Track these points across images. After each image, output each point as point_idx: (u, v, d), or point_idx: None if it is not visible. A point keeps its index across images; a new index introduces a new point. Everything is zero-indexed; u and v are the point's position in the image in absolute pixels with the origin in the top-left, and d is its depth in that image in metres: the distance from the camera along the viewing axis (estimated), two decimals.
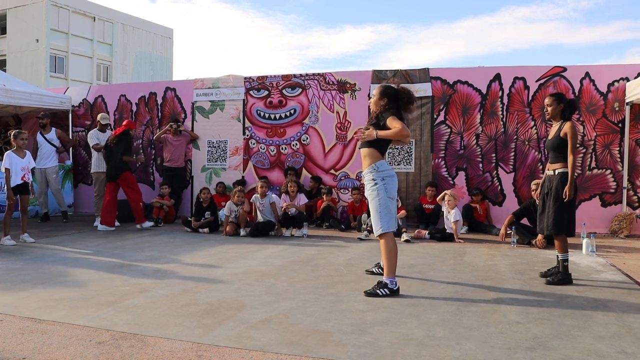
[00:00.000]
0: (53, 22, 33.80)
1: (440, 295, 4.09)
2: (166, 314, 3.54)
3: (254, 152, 9.69)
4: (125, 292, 4.15)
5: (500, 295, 4.12)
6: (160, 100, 10.30)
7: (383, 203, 4.05)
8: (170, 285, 4.39)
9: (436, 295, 4.09)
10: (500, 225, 7.20)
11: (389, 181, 4.09)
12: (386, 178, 4.08)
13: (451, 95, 8.66)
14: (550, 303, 3.88)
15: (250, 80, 9.76)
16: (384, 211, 4.04)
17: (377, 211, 4.06)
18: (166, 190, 9.12)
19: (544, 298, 4.03)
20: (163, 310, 3.65)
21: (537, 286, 4.43)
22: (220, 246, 6.65)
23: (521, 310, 3.67)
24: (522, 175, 8.34)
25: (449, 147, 8.70)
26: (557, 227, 4.49)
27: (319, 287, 4.34)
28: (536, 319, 3.48)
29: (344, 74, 9.27)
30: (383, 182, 4.06)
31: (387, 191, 4.07)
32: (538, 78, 8.28)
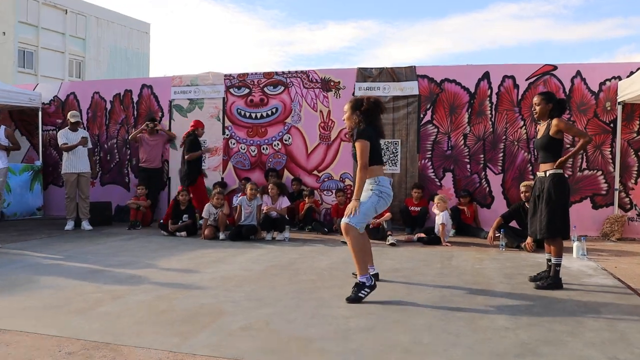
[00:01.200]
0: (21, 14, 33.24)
1: (427, 301, 4.09)
2: (141, 322, 3.49)
3: (234, 152, 9.65)
4: (98, 299, 4.08)
5: (488, 300, 4.14)
6: (136, 98, 10.21)
7: (368, 207, 4.14)
8: (146, 291, 4.34)
9: (422, 301, 4.09)
10: (489, 228, 7.25)
11: (384, 198, 4.21)
12: (383, 194, 4.20)
13: (438, 94, 8.72)
14: (539, 308, 3.91)
15: (230, 77, 9.72)
16: (362, 212, 4.11)
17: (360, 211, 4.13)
18: (142, 191, 9.03)
19: (534, 303, 4.06)
20: (138, 317, 3.60)
21: (527, 291, 4.47)
22: (198, 250, 6.60)
23: (510, 316, 3.69)
24: (511, 176, 8.42)
25: (435, 148, 8.74)
26: (551, 231, 4.52)
27: (301, 293, 4.33)
28: (525, 324, 3.50)
29: (328, 72, 9.28)
30: (379, 196, 4.18)
31: (377, 204, 4.18)
32: (528, 77, 8.38)
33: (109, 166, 10.33)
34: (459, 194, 8.47)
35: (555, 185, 4.50)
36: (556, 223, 4.50)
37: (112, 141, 10.30)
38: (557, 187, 4.50)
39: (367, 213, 4.16)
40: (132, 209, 8.79)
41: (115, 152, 10.30)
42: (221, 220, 7.74)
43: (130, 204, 8.87)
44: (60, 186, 10.25)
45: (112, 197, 9.96)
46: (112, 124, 10.31)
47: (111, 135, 10.30)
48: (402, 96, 8.86)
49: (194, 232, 8.12)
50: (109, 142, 10.33)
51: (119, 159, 10.28)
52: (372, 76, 9.01)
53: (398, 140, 8.89)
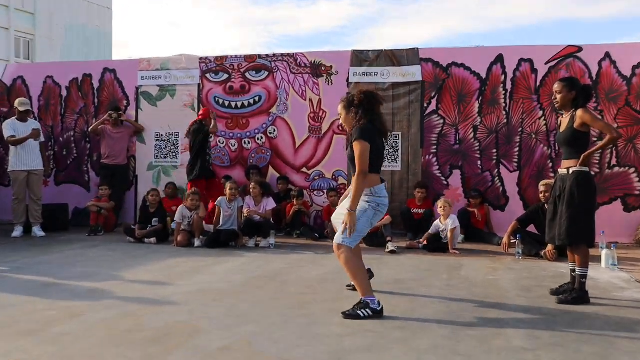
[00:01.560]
0: None
1: (432, 317, 4.08)
2: (102, 343, 3.45)
3: (212, 146, 9.57)
4: (51, 317, 4.03)
5: (503, 316, 4.13)
6: (96, 84, 10.13)
7: (363, 224, 4.15)
8: (108, 307, 4.29)
9: (427, 317, 4.08)
10: (503, 233, 7.26)
11: (381, 211, 4.24)
12: (380, 206, 4.20)
13: (445, 80, 8.73)
14: (563, 326, 3.90)
15: (206, 61, 9.67)
16: (358, 229, 4.11)
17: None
18: (105, 192, 8.97)
19: (556, 320, 4.05)
20: (99, 338, 3.55)
21: (548, 305, 4.46)
22: (170, 259, 6.56)
23: (528, 335, 3.68)
24: (529, 174, 8.45)
25: (441, 142, 8.75)
26: (573, 237, 4.52)
27: (288, 308, 4.31)
28: (546, 344, 3.50)
29: (319, 55, 9.27)
30: (375, 210, 4.18)
31: (373, 218, 4.21)
32: (548, 60, 8.41)
33: (65, 163, 10.24)
34: (468, 194, 8.49)
35: (578, 185, 4.50)
36: (579, 228, 4.49)
37: (68, 134, 10.22)
38: (581, 187, 4.49)
39: (362, 230, 4.17)
40: (93, 212, 8.72)
41: (72, 147, 10.21)
42: (196, 225, 7.70)
43: (90, 206, 8.80)
44: (6, 186, 10.12)
45: (68, 198, 9.87)
46: (68, 114, 10.22)
47: (68, 126, 10.21)
48: (403, 83, 8.86)
49: (165, 238, 8.07)
50: (65, 134, 10.24)
51: (77, 155, 10.20)
52: (369, 60, 9.00)
53: (399, 133, 8.88)
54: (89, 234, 8.54)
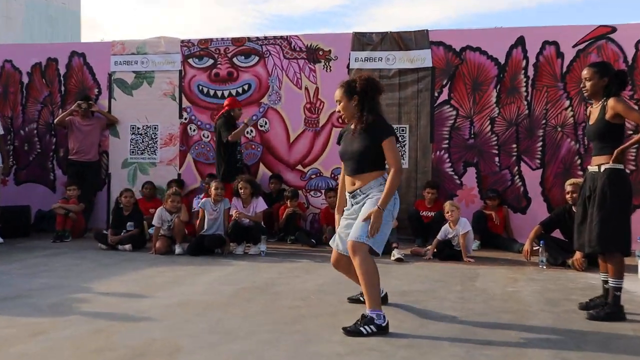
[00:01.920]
0: None
1: (444, 334, 4.07)
2: None
3: (195, 141, 9.61)
4: (10, 336, 4.00)
5: (525, 334, 4.12)
6: (63, 70, 10.11)
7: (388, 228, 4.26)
8: (76, 324, 4.27)
9: (438, 334, 4.07)
10: (524, 239, 7.26)
11: (396, 201, 4.32)
12: (396, 208, 4.33)
13: (458, 66, 8.73)
14: (594, 346, 3.89)
15: (189, 44, 9.66)
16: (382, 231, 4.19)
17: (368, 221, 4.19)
18: (74, 192, 8.94)
19: (586, 338, 4.04)
20: (64, 359, 3.52)
21: (576, 322, 4.45)
22: (147, 268, 6.56)
23: (554, 356, 3.66)
24: (554, 172, 8.46)
25: (454, 135, 8.75)
26: (605, 243, 4.49)
27: (281, 323, 4.29)
28: None
29: (316, 38, 9.27)
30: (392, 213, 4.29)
31: (394, 210, 4.31)
32: (576, 42, 8.41)
33: (27, 159, 10.20)
34: (484, 194, 8.49)
35: (611, 184, 4.48)
36: (612, 233, 4.47)
37: (31, 126, 10.19)
38: (614, 186, 4.48)
39: (386, 231, 4.25)
40: (59, 216, 8.70)
41: (35, 141, 10.17)
42: (177, 229, 7.69)
43: (56, 208, 8.77)
44: None
45: (31, 199, 9.84)
46: (30, 104, 10.18)
47: (30, 117, 10.17)
48: (411, 69, 8.86)
49: (142, 244, 8.07)
50: (27, 127, 10.21)
51: (40, 150, 10.16)
52: (372, 43, 8.98)
53: (406, 126, 8.87)
54: (54, 240, 8.50)
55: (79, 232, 9.01)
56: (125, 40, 9.96)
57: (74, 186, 9.03)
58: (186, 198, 9.07)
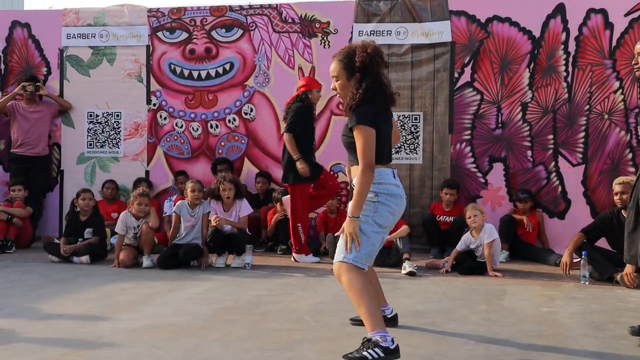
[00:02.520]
0: None
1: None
2: None
3: (166, 132, 9.62)
4: None
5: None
6: (3, 44, 10.11)
7: (366, 227, 4.08)
8: (21, 353, 4.25)
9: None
10: (562, 249, 7.27)
11: (387, 202, 4.14)
12: (382, 196, 4.13)
13: (483, 40, 8.74)
14: None
15: (157, 14, 9.67)
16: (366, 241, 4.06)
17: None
18: (19, 193, 8.93)
19: None
20: None
21: (627, 350, 4.44)
22: (108, 285, 6.54)
23: None
24: (599, 169, 8.49)
25: (478, 125, 8.78)
26: None
27: (271, 349, 4.29)
28: None
29: (311, 7, 9.30)
30: (374, 201, 4.11)
31: (376, 214, 4.11)
32: (629, 10, 8.42)
33: None
34: (515, 196, 8.48)
35: None
36: None
37: None
38: None
39: (373, 241, 4.10)
40: (1, 222, 8.67)
41: None
42: (145, 238, 7.69)
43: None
44: None
45: None
46: None
47: None
48: (426, 45, 8.89)
49: (103, 256, 8.08)
50: None
51: None
52: (380, 14, 8.99)
53: (419, 114, 8.89)
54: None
55: (24, 241, 8.99)
56: (80, 9, 9.95)
57: (20, 185, 9.02)
58: (156, 200, 9.07)
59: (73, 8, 9.98)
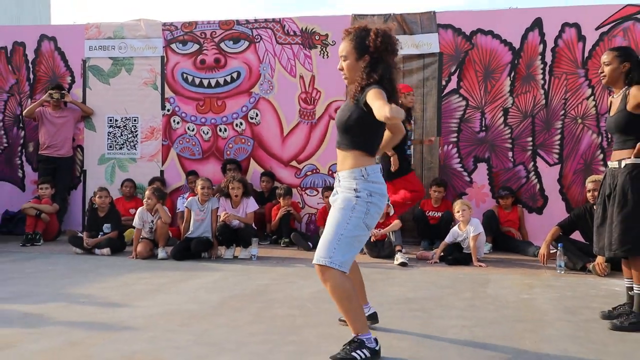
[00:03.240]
0: None
1: (452, 345, 4.08)
2: None
3: (179, 135, 9.63)
4: None
5: (540, 345, 4.13)
6: (31, 55, 10.11)
7: (352, 228, 3.67)
8: (49, 335, 4.27)
9: (446, 345, 4.08)
10: (540, 241, 7.29)
11: (379, 202, 3.76)
12: (376, 196, 3.73)
13: (468, 51, 8.75)
14: (617, 357, 3.90)
15: (171, 27, 9.67)
16: (345, 239, 3.66)
17: (336, 234, 3.68)
18: (47, 191, 8.94)
19: (608, 350, 4.05)
20: None
21: (598, 332, 4.46)
22: (127, 275, 6.56)
23: None
24: (573, 168, 8.50)
25: (464, 128, 8.78)
26: (628, 246, 4.49)
27: (275, 334, 4.30)
28: None
29: (311, 21, 9.29)
30: (368, 201, 3.70)
31: (367, 215, 3.70)
32: (600, 24, 8.43)
33: None
34: (497, 193, 8.51)
35: (633, 180, 4.48)
36: (635, 235, 4.47)
37: None
38: (637, 183, 4.47)
39: (350, 239, 3.67)
40: (30, 217, 8.69)
41: (1, 134, 10.18)
42: (160, 232, 7.71)
43: (27, 209, 8.76)
44: None
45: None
46: None
47: None
48: (416, 55, 8.90)
49: (121, 248, 8.09)
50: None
51: (8, 144, 10.17)
52: None
53: None
54: (24, 243, 8.50)
55: (51, 235, 9.01)
56: (101, 23, 9.95)
57: (47, 184, 9.03)
58: (169, 198, 9.08)
59: (95, 23, 9.98)
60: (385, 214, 7.76)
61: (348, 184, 3.74)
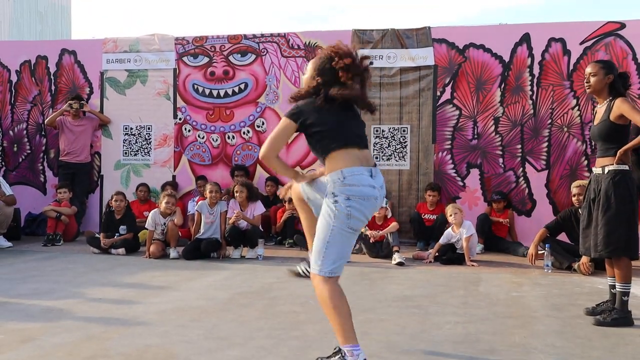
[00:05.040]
0: None
1: (446, 340, 4.09)
2: None
3: (190, 142, 9.62)
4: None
5: (529, 340, 4.14)
6: (53, 68, 10.13)
7: (336, 235, 3.38)
8: (68, 329, 4.28)
9: (440, 340, 4.09)
10: (529, 242, 7.28)
11: (360, 205, 3.38)
12: (355, 199, 3.36)
13: (461, 64, 8.75)
14: (601, 352, 3.91)
15: (183, 42, 9.68)
16: (332, 247, 3.38)
17: (323, 241, 3.40)
18: (65, 195, 8.95)
19: (592, 344, 4.06)
20: None
21: (582, 328, 4.47)
22: (141, 273, 6.58)
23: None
24: (559, 173, 8.49)
25: (457, 136, 8.78)
26: (611, 247, 4.51)
27: (279, 329, 4.31)
28: None
29: (314, 35, 9.30)
30: (347, 205, 3.35)
31: (349, 219, 3.36)
32: (583, 39, 8.45)
33: (17, 160, 10.21)
34: (490, 197, 8.50)
35: (615, 186, 4.49)
36: (618, 237, 4.48)
37: (20, 126, 10.19)
38: (618, 188, 4.48)
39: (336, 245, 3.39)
40: (51, 219, 8.70)
41: (25, 142, 10.18)
42: (172, 233, 7.71)
43: (48, 211, 8.77)
44: None
45: (21, 202, 9.78)
46: (19, 103, 10.19)
47: (19, 118, 10.18)
48: (412, 67, 8.89)
49: (136, 248, 8.10)
50: (16, 127, 10.22)
51: (30, 151, 10.17)
52: (373, 41, 9.01)
53: (407, 126, 8.90)
54: (45, 243, 8.50)
55: (70, 235, 9.02)
56: (118, 38, 9.98)
57: (65, 188, 9.04)
58: (181, 201, 9.08)
59: (112, 37, 10.01)
60: (384, 216, 7.79)
61: (328, 188, 3.45)
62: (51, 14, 39.47)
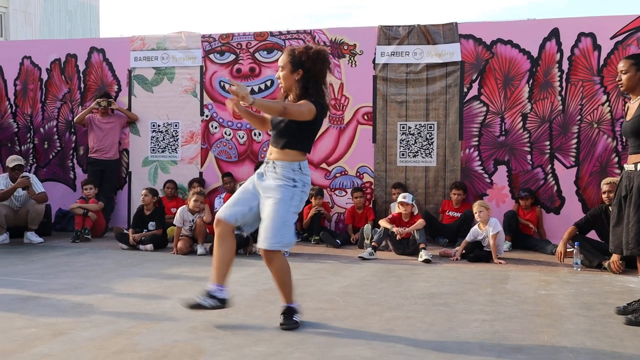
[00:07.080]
0: None
1: (474, 338, 4.07)
2: None
3: (216, 139, 9.66)
4: (32, 336, 4.07)
5: (558, 338, 4.10)
6: (82, 66, 10.21)
7: (292, 215, 4.25)
8: (98, 324, 4.33)
9: (468, 338, 4.07)
10: (557, 240, 7.21)
11: (305, 192, 4.30)
12: (307, 186, 4.29)
13: (488, 60, 8.68)
14: (632, 351, 3.86)
15: (210, 39, 9.71)
16: (288, 225, 4.21)
17: (281, 219, 4.16)
18: (90, 191, 9.02)
19: (624, 344, 4.01)
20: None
21: (613, 327, 4.42)
22: (169, 269, 6.62)
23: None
24: (589, 170, 8.38)
25: (484, 132, 8.71)
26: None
27: (306, 325, 4.32)
28: None
29: (340, 32, 9.26)
30: (303, 190, 4.26)
31: (301, 203, 4.31)
32: (614, 34, 8.30)
33: (47, 157, 10.34)
34: (517, 194, 8.42)
35: None
36: None
37: (50, 123, 10.31)
38: None
39: (291, 225, 4.24)
40: (78, 215, 8.79)
41: (55, 139, 10.30)
42: (199, 230, 7.75)
43: (74, 209, 8.85)
44: None
45: (51, 198, 9.88)
46: (50, 101, 10.31)
47: (49, 115, 10.30)
48: (439, 64, 8.83)
49: (164, 244, 8.15)
50: (47, 124, 10.34)
51: (60, 148, 10.29)
52: (399, 37, 8.96)
53: (434, 123, 8.85)
54: (73, 239, 8.58)
55: (99, 231, 9.10)
56: (145, 36, 10.05)
57: (90, 185, 9.09)
58: (207, 198, 9.14)
59: (139, 35, 10.07)
60: (410, 213, 7.76)
61: (287, 173, 4.21)
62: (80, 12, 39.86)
